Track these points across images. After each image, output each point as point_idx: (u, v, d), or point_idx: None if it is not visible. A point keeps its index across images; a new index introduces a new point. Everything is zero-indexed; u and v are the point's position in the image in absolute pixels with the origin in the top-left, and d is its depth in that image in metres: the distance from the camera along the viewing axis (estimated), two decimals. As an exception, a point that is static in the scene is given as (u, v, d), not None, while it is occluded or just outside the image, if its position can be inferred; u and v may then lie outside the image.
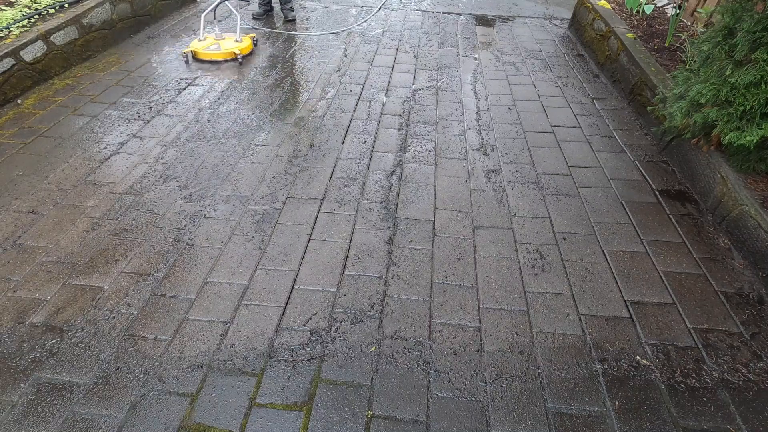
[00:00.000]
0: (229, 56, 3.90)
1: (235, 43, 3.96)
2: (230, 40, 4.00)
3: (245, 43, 4.00)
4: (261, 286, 1.92)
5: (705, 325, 1.81)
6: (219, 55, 3.89)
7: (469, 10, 5.38)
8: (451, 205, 2.39)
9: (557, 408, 1.53)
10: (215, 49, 3.89)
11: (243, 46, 3.94)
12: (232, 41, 3.98)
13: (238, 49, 3.87)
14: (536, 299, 1.90)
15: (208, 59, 3.89)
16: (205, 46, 3.90)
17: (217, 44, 3.94)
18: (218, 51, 3.87)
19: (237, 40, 3.99)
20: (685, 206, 2.41)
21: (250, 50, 4.04)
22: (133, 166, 2.61)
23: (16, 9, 3.55)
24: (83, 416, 1.46)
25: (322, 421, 1.47)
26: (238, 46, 3.92)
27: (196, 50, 3.88)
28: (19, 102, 3.18)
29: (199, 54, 3.89)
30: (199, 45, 3.92)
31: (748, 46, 2.04)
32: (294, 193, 2.44)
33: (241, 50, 3.89)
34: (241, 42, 3.99)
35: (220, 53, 3.88)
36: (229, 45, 3.92)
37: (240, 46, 3.92)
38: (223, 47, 3.90)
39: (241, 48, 3.90)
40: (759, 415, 1.53)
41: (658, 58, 3.34)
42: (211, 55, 3.88)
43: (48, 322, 1.75)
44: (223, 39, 4.00)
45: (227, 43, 3.94)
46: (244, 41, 4.02)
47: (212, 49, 3.88)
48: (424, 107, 3.31)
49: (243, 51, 3.91)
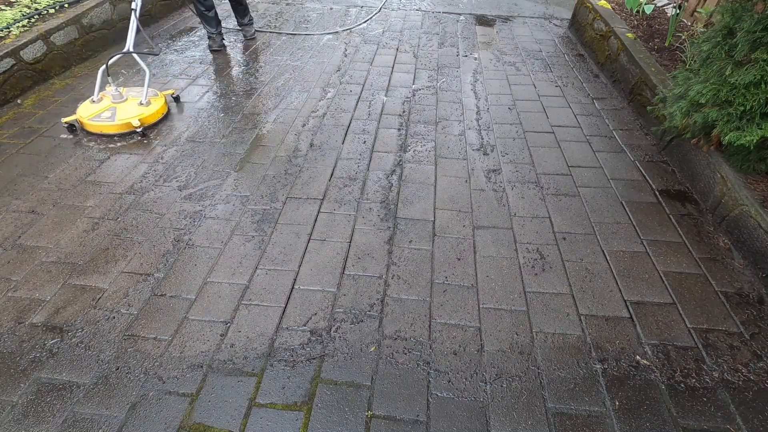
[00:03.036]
0: (124, 128, 2.86)
1: (138, 107, 2.94)
2: (133, 102, 2.98)
3: (153, 107, 2.98)
4: (261, 286, 1.92)
5: (705, 325, 1.81)
6: (110, 128, 2.84)
7: (469, 10, 5.38)
8: (451, 205, 2.39)
9: (557, 408, 1.53)
10: (108, 117, 2.85)
11: (147, 113, 2.93)
12: (134, 104, 2.96)
13: (138, 117, 2.86)
14: (536, 299, 1.90)
15: (97, 132, 2.86)
16: (93, 113, 2.86)
17: (113, 109, 2.91)
18: (110, 121, 2.84)
19: (142, 103, 2.96)
20: (685, 206, 2.41)
21: (161, 115, 3.03)
22: (133, 166, 2.61)
23: (16, 9, 3.55)
24: (83, 416, 1.46)
25: (322, 421, 1.47)
26: (139, 113, 2.90)
27: (80, 118, 2.86)
28: (19, 102, 3.18)
29: (84, 124, 2.87)
30: (88, 110, 2.90)
31: (748, 46, 2.04)
32: (294, 193, 2.44)
33: (144, 119, 2.89)
34: (147, 105, 2.97)
35: (111, 125, 2.84)
36: (128, 111, 2.90)
37: (142, 114, 2.90)
38: (119, 114, 2.87)
39: (143, 116, 2.89)
40: (759, 415, 1.53)
41: (658, 58, 3.34)
42: (100, 126, 2.84)
43: (48, 322, 1.75)
44: (123, 101, 2.97)
45: (126, 108, 2.92)
46: (152, 104, 3.00)
47: (102, 118, 2.84)
48: (424, 107, 3.31)
49: (145, 120, 2.91)
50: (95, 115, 2.86)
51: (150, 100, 3.02)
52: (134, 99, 3.01)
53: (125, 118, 2.85)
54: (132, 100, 3.01)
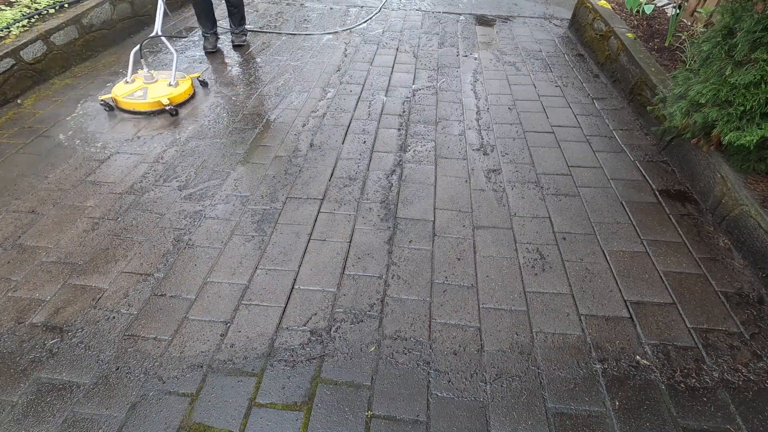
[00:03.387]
0: (155, 106, 3.10)
1: (167, 88, 3.19)
2: (163, 83, 3.22)
3: (181, 88, 3.23)
4: (261, 286, 1.92)
5: (705, 325, 1.81)
6: (143, 105, 3.08)
7: (469, 10, 5.38)
8: (451, 205, 2.39)
9: (557, 408, 1.53)
10: (140, 96, 3.09)
11: (176, 93, 3.17)
12: (164, 85, 3.21)
13: (167, 97, 3.10)
14: (536, 299, 1.90)
15: (130, 109, 3.11)
16: (126, 92, 3.11)
17: (144, 89, 3.14)
18: (142, 99, 3.08)
19: (171, 84, 3.21)
20: (685, 206, 2.41)
21: (188, 96, 3.27)
22: (133, 166, 2.61)
23: (16, 9, 3.55)
24: (83, 416, 1.46)
25: (322, 421, 1.47)
26: (169, 92, 3.14)
27: (116, 97, 3.11)
28: (19, 102, 3.18)
29: (119, 102, 3.12)
30: (122, 90, 3.14)
31: (748, 46, 2.04)
32: (294, 193, 2.44)
33: (173, 98, 3.13)
34: (176, 86, 3.22)
35: (143, 102, 3.08)
36: (159, 91, 3.14)
37: (171, 93, 3.14)
38: (150, 94, 3.11)
39: (172, 95, 3.14)
40: (759, 415, 1.53)
41: (658, 58, 3.34)
42: (133, 104, 3.08)
43: (48, 322, 1.75)
44: (154, 82, 3.21)
45: (157, 89, 3.17)
46: (180, 85, 3.25)
47: (135, 97, 3.09)
48: (424, 107, 3.31)
49: (174, 99, 3.14)
50: (129, 94, 3.10)
51: (178, 82, 3.26)
52: (164, 80, 3.26)
53: (156, 97, 3.09)
54: (162, 81, 3.25)
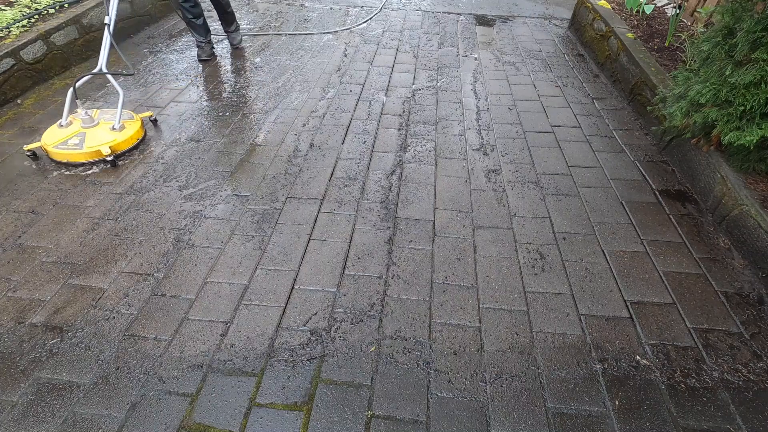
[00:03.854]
0: (93, 156, 2.56)
1: (110, 133, 2.64)
2: (105, 127, 2.68)
3: (127, 132, 2.69)
4: (261, 286, 1.92)
5: (705, 325, 1.81)
6: (77, 156, 2.55)
7: (469, 10, 5.38)
8: (451, 205, 2.39)
9: (557, 408, 1.53)
10: (75, 144, 2.55)
11: (120, 139, 2.63)
12: (106, 129, 2.66)
13: (109, 145, 2.57)
14: (536, 299, 1.90)
15: (63, 161, 2.57)
16: (59, 139, 2.57)
17: (82, 135, 2.61)
18: (77, 149, 2.54)
19: (115, 128, 2.66)
20: (685, 206, 2.41)
21: (135, 142, 2.73)
22: (133, 166, 2.61)
23: (16, 9, 3.55)
24: (83, 416, 1.46)
25: (322, 421, 1.47)
26: (111, 139, 2.61)
27: (45, 146, 2.57)
28: (19, 102, 3.18)
29: (49, 152, 2.58)
30: (54, 136, 2.60)
31: (748, 46, 2.04)
32: (294, 193, 2.44)
33: (115, 146, 2.61)
34: (121, 130, 2.68)
35: (78, 153, 2.54)
36: (99, 137, 2.61)
37: (114, 140, 2.61)
38: (88, 141, 2.57)
39: (115, 142, 2.61)
40: (759, 415, 1.53)
41: (658, 58, 3.34)
42: (66, 154, 2.54)
43: (48, 322, 1.75)
44: (94, 125, 2.67)
45: (97, 134, 2.62)
46: (127, 129, 2.71)
47: (69, 145, 2.55)
48: (424, 107, 3.31)
49: (117, 147, 2.62)
50: (62, 142, 2.57)
51: (124, 125, 2.73)
52: (107, 123, 2.72)
53: (94, 145, 2.56)
54: (104, 124, 2.71)
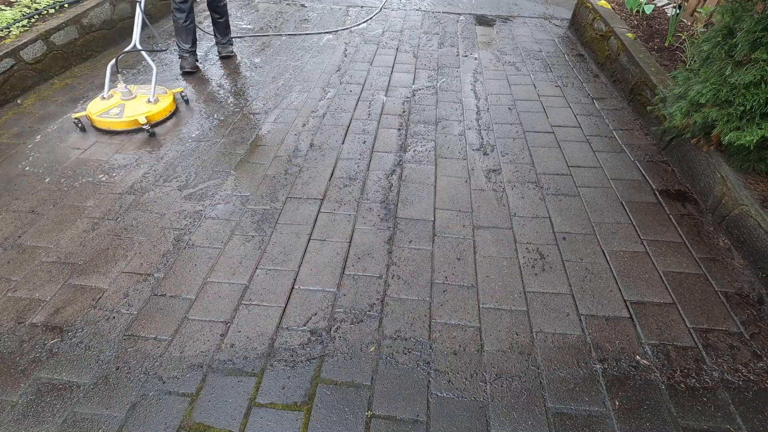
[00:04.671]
0: (132, 125, 2.87)
1: (146, 105, 2.96)
2: (142, 100, 3.00)
3: (161, 105, 2.99)
4: (261, 286, 1.92)
5: (705, 325, 1.81)
6: (117, 124, 2.85)
7: (469, 10, 5.38)
8: (451, 205, 2.39)
9: (557, 408, 1.53)
10: (116, 114, 2.85)
11: (155, 111, 2.93)
12: (143, 102, 2.98)
13: (146, 115, 2.86)
14: (536, 299, 1.90)
15: (105, 128, 2.87)
16: (101, 110, 2.87)
17: (121, 106, 2.91)
18: (117, 118, 2.84)
19: (150, 101, 2.98)
20: (685, 206, 2.41)
21: (168, 113, 3.04)
22: (133, 166, 2.60)
23: (16, 9, 3.55)
24: (83, 416, 1.46)
25: (322, 421, 1.47)
26: (147, 110, 2.91)
27: (90, 114, 2.87)
28: (19, 102, 3.18)
29: (93, 120, 2.88)
30: (97, 107, 2.91)
31: (748, 46, 2.04)
32: (294, 193, 2.44)
33: (151, 117, 2.88)
34: (156, 103, 2.98)
35: (119, 121, 2.84)
36: (136, 108, 2.91)
37: (150, 111, 2.91)
38: (127, 112, 2.88)
39: (150, 113, 2.90)
40: (759, 415, 1.53)
41: (658, 58, 3.34)
42: (108, 123, 2.84)
43: (48, 322, 1.75)
44: (132, 98, 2.99)
45: (135, 105, 2.93)
46: (160, 101, 3.01)
47: (111, 114, 2.84)
48: (424, 107, 3.31)
49: (153, 117, 2.90)
50: (104, 112, 2.87)
51: (158, 98, 3.03)
52: (143, 96, 3.03)
53: (133, 115, 2.86)
54: (141, 97, 3.03)
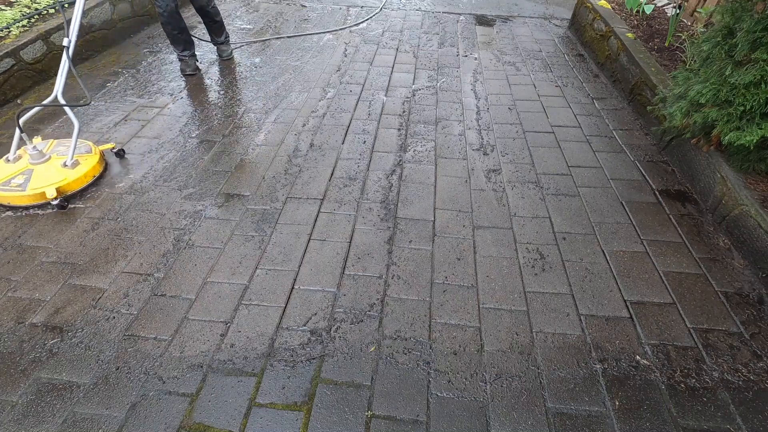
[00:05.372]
0: (35, 199, 2.24)
1: (59, 170, 2.32)
2: (56, 163, 2.37)
3: (80, 170, 2.36)
4: (261, 286, 1.92)
5: (705, 325, 1.81)
6: (17, 198, 2.23)
7: (469, 10, 5.38)
8: (451, 205, 2.39)
9: (557, 408, 1.53)
10: (19, 184, 2.24)
11: (71, 178, 2.31)
12: (56, 166, 2.35)
13: (56, 185, 2.25)
14: (536, 299, 1.90)
15: (4, 203, 2.25)
16: (2, 178, 2.27)
17: (28, 173, 2.30)
18: (18, 191, 2.22)
19: (66, 164, 2.35)
20: (685, 206, 2.41)
21: (89, 180, 2.40)
22: (133, 167, 2.60)
23: (16, 9, 3.55)
24: (83, 416, 1.46)
25: (322, 421, 1.47)
26: (60, 178, 2.29)
27: None
28: (19, 102, 3.18)
29: None
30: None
31: (748, 46, 2.04)
32: (294, 193, 2.44)
33: (63, 187, 2.28)
34: (73, 167, 2.36)
35: (19, 195, 2.22)
36: (47, 175, 2.29)
37: (64, 179, 2.29)
38: (34, 181, 2.26)
39: (65, 182, 2.29)
40: (759, 415, 1.53)
41: (658, 58, 3.34)
42: (7, 197, 2.23)
43: (48, 322, 1.75)
44: (43, 160, 2.36)
45: (45, 172, 2.30)
46: (81, 165, 2.39)
47: (11, 186, 2.23)
48: (424, 107, 3.31)
49: (66, 187, 2.30)
50: (4, 182, 2.26)
51: (78, 160, 2.41)
52: (60, 158, 2.40)
53: (39, 186, 2.24)
54: (56, 159, 2.40)
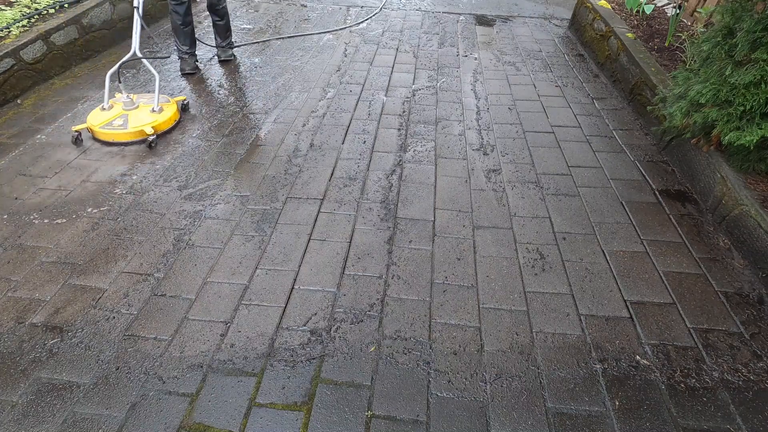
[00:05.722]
0: (137, 136, 2.75)
1: (150, 114, 2.84)
2: (145, 109, 2.88)
3: (166, 114, 2.89)
4: (261, 286, 1.92)
5: (705, 325, 1.81)
6: (122, 135, 2.73)
7: (469, 10, 5.38)
8: (451, 205, 2.39)
9: (557, 408, 1.53)
10: (120, 125, 2.73)
11: (161, 120, 2.83)
12: (147, 111, 2.86)
13: (151, 125, 2.75)
14: (536, 299, 1.90)
15: (108, 140, 2.75)
16: (104, 121, 2.75)
17: (124, 117, 2.79)
18: (122, 129, 2.72)
19: (154, 110, 2.86)
20: (685, 206, 2.41)
21: (173, 123, 2.93)
22: (133, 166, 2.60)
23: (16, 9, 3.55)
24: (83, 416, 1.46)
25: (322, 421, 1.47)
26: (152, 120, 2.80)
27: (91, 127, 2.75)
28: (19, 102, 3.18)
29: (95, 132, 2.76)
30: (98, 118, 2.79)
31: (748, 46, 2.03)
32: (294, 193, 2.44)
33: (157, 126, 2.78)
34: (160, 113, 2.87)
35: (124, 132, 2.72)
36: (141, 118, 2.80)
37: (155, 121, 2.80)
38: (132, 122, 2.76)
39: (156, 123, 2.79)
40: (759, 415, 1.53)
41: (658, 58, 3.34)
42: (112, 134, 2.72)
43: (48, 322, 1.74)
44: (134, 107, 2.88)
45: (138, 115, 2.82)
46: (165, 111, 2.90)
47: (114, 126, 2.73)
48: (424, 107, 3.31)
49: (159, 127, 2.80)
50: (106, 123, 2.75)
51: (162, 107, 2.92)
52: (146, 106, 2.92)
53: (138, 126, 2.74)
54: (144, 107, 2.92)
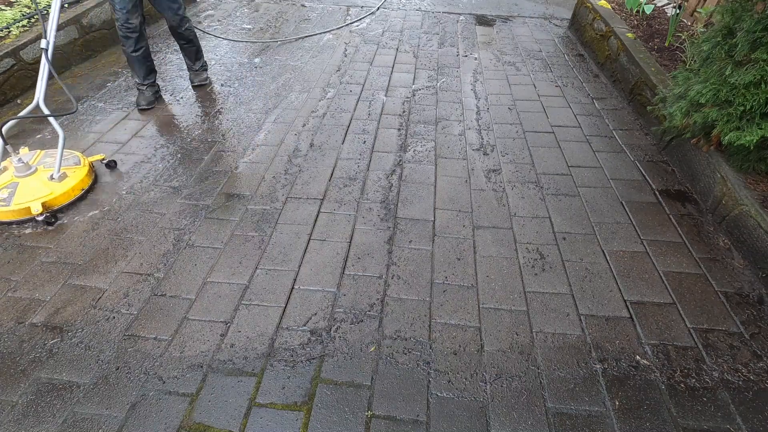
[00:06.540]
0: (21, 215, 2.12)
1: (45, 184, 2.20)
2: (44, 175, 2.25)
3: (67, 183, 2.24)
4: (261, 286, 1.92)
5: (705, 325, 1.81)
6: (2, 214, 2.11)
7: (469, 10, 5.38)
8: (451, 205, 2.39)
9: (557, 408, 1.53)
10: (3, 198, 2.12)
11: (57, 192, 2.19)
12: (44, 178, 2.23)
13: (42, 200, 2.13)
14: (536, 299, 1.90)
15: None
16: None
17: (13, 186, 2.17)
18: (3, 205, 2.10)
19: (53, 177, 2.23)
20: (685, 206, 2.41)
21: (78, 193, 2.28)
22: (133, 166, 2.60)
23: (16, 9, 3.55)
24: (83, 416, 1.46)
25: (322, 421, 1.47)
26: (46, 192, 2.17)
27: None
28: (19, 102, 3.18)
29: None
30: None
31: (748, 46, 2.03)
32: (294, 193, 2.44)
33: (50, 201, 2.16)
34: (60, 180, 2.24)
35: (5, 210, 2.10)
36: (32, 189, 2.16)
37: (50, 193, 2.17)
38: (19, 194, 2.13)
39: (51, 196, 2.17)
40: (759, 415, 1.53)
41: (658, 58, 3.34)
42: None
43: (48, 322, 1.75)
44: (29, 173, 2.23)
45: (30, 185, 2.18)
46: (69, 178, 2.27)
47: None
48: (424, 107, 3.31)
49: (54, 202, 2.18)
50: None
51: (65, 173, 2.29)
52: (47, 170, 2.26)
53: (24, 201, 2.11)
54: (43, 171, 2.26)
